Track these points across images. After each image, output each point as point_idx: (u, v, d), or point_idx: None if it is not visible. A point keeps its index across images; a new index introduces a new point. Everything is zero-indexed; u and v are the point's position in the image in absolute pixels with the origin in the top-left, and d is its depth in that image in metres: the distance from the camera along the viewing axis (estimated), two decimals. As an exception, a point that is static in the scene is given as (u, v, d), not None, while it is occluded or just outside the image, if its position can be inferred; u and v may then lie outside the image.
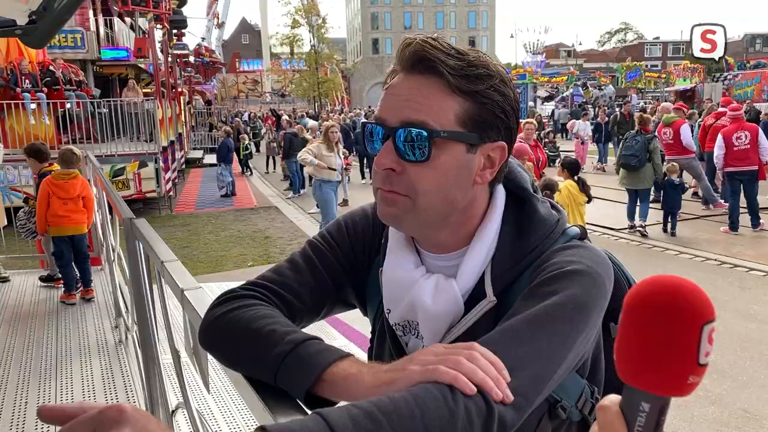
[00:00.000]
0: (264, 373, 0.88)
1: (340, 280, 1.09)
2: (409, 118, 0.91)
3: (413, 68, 0.93)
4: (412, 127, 0.90)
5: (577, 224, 1.05)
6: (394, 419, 0.69)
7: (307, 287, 1.05)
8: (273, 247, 9.50)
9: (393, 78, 0.97)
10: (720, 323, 2.12)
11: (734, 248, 8.26)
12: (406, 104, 0.92)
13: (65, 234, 5.53)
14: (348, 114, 26.32)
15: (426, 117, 0.91)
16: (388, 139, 0.93)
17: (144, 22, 24.75)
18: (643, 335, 0.48)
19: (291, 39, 49.75)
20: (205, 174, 19.94)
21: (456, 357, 0.76)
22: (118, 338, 4.56)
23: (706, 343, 0.47)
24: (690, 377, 0.47)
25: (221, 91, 54.71)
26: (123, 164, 12.02)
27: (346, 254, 1.11)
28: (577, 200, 6.47)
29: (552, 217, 1.01)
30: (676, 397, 0.49)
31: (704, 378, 0.48)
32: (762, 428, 3.93)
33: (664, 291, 0.48)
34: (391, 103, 0.94)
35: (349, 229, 1.13)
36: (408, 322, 1.03)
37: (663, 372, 0.48)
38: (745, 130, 8.99)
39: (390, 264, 1.04)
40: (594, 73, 46.08)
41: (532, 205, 1.01)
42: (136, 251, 2.32)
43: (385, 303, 1.05)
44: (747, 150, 8.87)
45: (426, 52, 0.91)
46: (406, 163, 0.92)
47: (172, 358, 1.85)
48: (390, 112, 0.94)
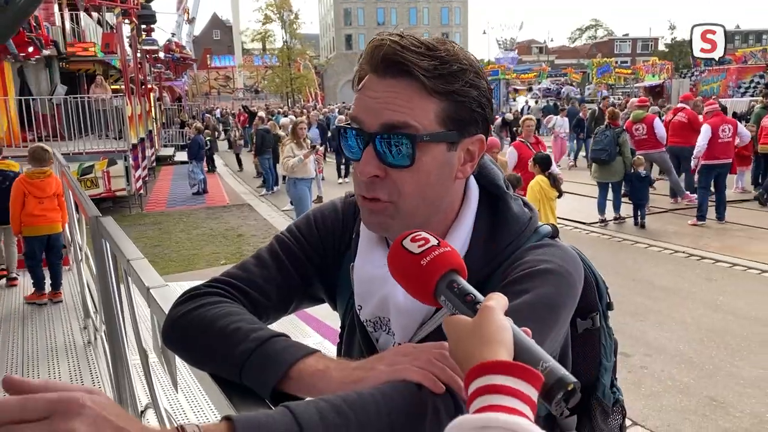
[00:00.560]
0: (230, 371, 0.87)
1: (308, 275, 1.08)
2: (390, 121, 0.89)
3: (386, 71, 0.90)
4: (394, 132, 0.89)
5: (549, 222, 1.06)
6: (361, 414, 0.69)
7: (273, 283, 1.04)
8: (246, 245, 9.42)
9: (364, 78, 0.94)
10: (687, 314, 2.18)
11: (701, 240, 8.44)
12: (384, 107, 0.90)
13: (40, 234, 5.45)
14: (321, 110, 26.23)
15: (407, 119, 0.89)
16: (368, 144, 0.91)
17: (112, 17, 24.26)
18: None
19: (263, 35, 49.33)
20: (176, 172, 19.64)
21: (425, 356, 0.77)
22: (87, 339, 4.48)
23: (410, 242, 0.77)
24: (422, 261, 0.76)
25: (192, 87, 54.03)
26: (91, 162, 11.78)
27: (314, 248, 1.09)
28: (548, 195, 6.54)
29: (525, 214, 1.01)
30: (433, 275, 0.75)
31: (673, 368, 0.50)
32: (728, 415, 4.03)
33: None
34: (368, 105, 0.91)
35: (318, 223, 1.11)
36: (379, 319, 1.01)
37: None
38: (728, 124, 9.31)
39: (361, 260, 1.03)
40: (565, 69, 46.63)
41: (505, 203, 1.01)
42: (103, 250, 2.27)
43: (357, 299, 1.04)
44: (729, 143, 9.18)
45: (398, 55, 0.88)
46: (389, 168, 0.91)
47: (140, 358, 1.82)
48: (367, 114, 0.91)
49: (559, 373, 0.64)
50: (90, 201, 3.02)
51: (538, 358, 0.65)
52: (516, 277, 0.90)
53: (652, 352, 4.89)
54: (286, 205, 11.59)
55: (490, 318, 0.68)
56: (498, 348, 0.65)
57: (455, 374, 0.75)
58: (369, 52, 0.93)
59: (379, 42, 0.91)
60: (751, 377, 4.51)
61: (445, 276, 0.75)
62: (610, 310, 1.16)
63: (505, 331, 0.67)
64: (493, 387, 0.60)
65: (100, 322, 3.79)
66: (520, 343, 0.67)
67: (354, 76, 0.98)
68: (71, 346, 4.40)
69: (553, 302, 0.87)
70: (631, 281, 6.71)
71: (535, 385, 0.61)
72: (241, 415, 0.66)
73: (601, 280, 1.14)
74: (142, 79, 19.48)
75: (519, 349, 0.66)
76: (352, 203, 1.14)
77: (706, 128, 9.18)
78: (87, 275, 4.80)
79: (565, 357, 1.03)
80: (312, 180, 9.51)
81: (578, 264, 0.97)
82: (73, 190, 4.13)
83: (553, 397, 0.63)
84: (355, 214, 1.11)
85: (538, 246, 0.96)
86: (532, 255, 0.93)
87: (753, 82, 24.63)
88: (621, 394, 1.20)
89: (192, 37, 50.96)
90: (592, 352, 1.12)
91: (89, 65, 18.72)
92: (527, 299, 0.85)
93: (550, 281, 0.89)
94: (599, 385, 1.14)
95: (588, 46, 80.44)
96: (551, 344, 0.88)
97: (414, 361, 0.76)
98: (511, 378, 0.60)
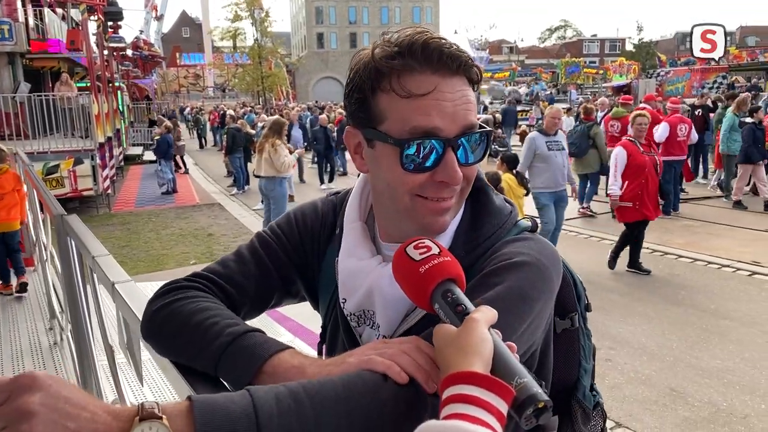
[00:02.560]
0: (206, 365, 0.88)
1: (288, 273, 1.09)
2: (470, 121, 0.91)
3: (456, 71, 0.90)
4: (476, 131, 0.92)
5: (528, 216, 1.09)
6: (318, 400, 0.71)
7: (252, 279, 1.05)
8: (216, 244, 9.35)
9: (417, 80, 0.89)
10: (650, 308, 2.26)
11: (665, 236, 8.65)
12: (461, 108, 0.90)
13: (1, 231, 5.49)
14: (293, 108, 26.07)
15: (474, 117, 0.91)
16: (447, 150, 0.90)
17: (77, 14, 23.77)
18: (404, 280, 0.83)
19: (233, 33, 48.80)
20: (145, 171, 19.36)
21: (393, 350, 0.79)
22: (53, 340, 4.41)
23: (413, 249, 0.82)
24: (420, 269, 0.80)
25: (161, 85, 53.21)
26: (57, 161, 11.56)
27: (294, 247, 1.10)
28: (516, 193, 6.64)
29: (506, 208, 1.03)
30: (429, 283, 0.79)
31: (635, 360, 0.55)
32: (687, 404, 4.16)
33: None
34: (445, 110, 0.89)
35: (299, 222, 1.13)
36: (364, 312, 1.02)
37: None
38: (685, 123, 9.91)
39: (346, 253, 1.04)
40: (535, 69, 47.20)
41: (487, 196, 1.03)
42: (68, 248, 2.26)
43: (341, 292, 1.04)
44: (684, 141, 9.79)
45: (460, 52, 0.90)
46: (465, 167, 0.93)
47: (106, 354, 1.83)
48: (445, 120, 0.89)
49: (532, 389, 0.66)
50: (55, 199, 2.99)
51: (514, 373, 0.67)
52: (492, 269, 0.91)
53: (616, 346, 5.02)
54: (256, 204, 11.52)
55: (472, 330, 0.70)
56: (474, 359, 0.67)
57: (423, 367, 0.77)
58: (429, 52, 0.89)
59: (435, 40, 0.90)
60: (709, 368, 4.66)
61: (441, 285, 0.79)
62: (588, 312, 1.17)
63: (485, 343, 0.69)
64: (463, 396, 0.62)
65: (65, 322, 3.75)
66: (500, 356, 0.69)
67: (391, 80, 0.90)
68: (37, 348, 4.33)
69: (526, 293, 0.88)
70: (597, 277, 6.86)
71: (506, 398, 0.63)
72: (201, 395, 0.68)
73: (579, 281, 1.14)
74: (109, 77, 19.13)
75: (497, 362, 0.69)
76: (331, 203, 1.15)
77: (664, 125, 9.68)
78: (52, 275, 4.72)
79: (546, 356, 1.03)
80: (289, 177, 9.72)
81: (556, 258, 0.97)
82: (38, 189, 4.07)
83: (523, 411, 0.65)
84: (336, 212, 1.13)
85: (517, 239, 0.98)
86: (509, 247, 0.95)
87: (716, 82, 25.34)
88: (601, 398, 1.21)
89: (161, 35, 50.33)
90: (572, 353, 1.13)
91: (54, 63, 18.31)
92: (500, 290, 0.87)
93: (524, 273, 0.90)
94: (579, 386, 1.15)
95: (557, 46, 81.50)
96: (527, 336, 0.89)
97: (382, 354, 0.79)
98: (482, 389, 0.62)
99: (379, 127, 0.92)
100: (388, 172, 0.93)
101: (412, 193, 0.93)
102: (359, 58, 0.96)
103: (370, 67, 0.92)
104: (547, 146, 6.77)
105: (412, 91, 0.88)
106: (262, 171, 8.57)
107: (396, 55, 0.90)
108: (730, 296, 6.24)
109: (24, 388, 0.52)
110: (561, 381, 1.11)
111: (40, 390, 0.53)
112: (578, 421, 1.15)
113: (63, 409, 0.56)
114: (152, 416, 0.61)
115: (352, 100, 0.96)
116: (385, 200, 1.00)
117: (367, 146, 0.97)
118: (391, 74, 0.90)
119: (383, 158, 0.94)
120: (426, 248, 0.82)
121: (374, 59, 0.92)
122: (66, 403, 0.55)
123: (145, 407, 0.62)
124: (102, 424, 0.59)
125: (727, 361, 4.76)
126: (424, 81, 0.89)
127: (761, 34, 63.55)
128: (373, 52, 0.93)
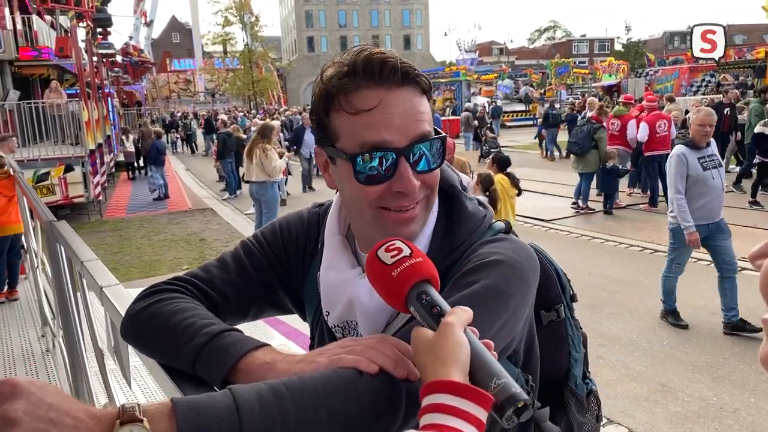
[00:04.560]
0: (184, 364, 0.91)
1: (270, 282, 1.11)
2: (422, 131, 0.93)
3: (401, 83, 0.93)
4: (429, 139, 0.94)
5: (502, 219, 1.11)
6: (298, 396, 0.74)
7: (233, 286, 1.07)
8: (209, 249, 9.34)
9: (363, 96, 0.92)
10: (641, 305, 2.30)
11: (655, 234, 8.71)
12: (411, 119, 0.93)
13: (9, 234, 5.51)
14: (284, 113, 26.09)
15: (427, 126, 0.95)
16: (399, 160, 0.92)
17: (66, 20, 23.70)
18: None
19: (223, 37, 48.72)
20: (137, 177, 19.32)
21: (361, 347, 0.82)
22: (45, 347, 4.41)
23: (384, 252, 0.82)
24: (393, 273, 0.80)
25: (152, 91, 53.05)
26: (47, 169, 11.51)
27: (278, 256, 1.12)
28: (508, 193, 6.67)
29: (479, 212, 1.06)
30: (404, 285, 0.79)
31: (626, 357, 0.57)
32: (677, 399, 4.20)
33: None
34: (392, 123, 0.91)
35: (284, 232, 1.15)
36: (347, 323, 1.04)
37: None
38: (664, 119, 10.23)
39: (326, 266, 1.06)
40: (525, 70, 47.36)
41: (460, 202, 1.06)
42: (58, 254, 2.27)
43: (324, 305, 1.06)
44: (666, 136, 10.05)
45: (405, 64, 0.93)
46: (421, 174, 0.95)
47: (96, 358, 1.84)
48: (393, 132, 0.92)
49: (511, 390, 0.67)
50: (44, 206, 2.99)
51: (493, 374, 0.68)
52: (467, 269, 0.94)
53: (607, 343, 5.07)
54: (248, 209, 11.51)
55: (448, 335, 0.71)
56: (452, 367, 0.68)
57: (390, 356, 0.80)
58: (375, 66, 0.91)
59: (380, 55, 0.92)
60: (699, 363, 4.71)
61: (416, 287, 0.79)
62: (574, 302, 1.20)
63: (461, 349, 0.70)
64: (441, 406, 0.63)
65: (57, 328, 3.75)
66: (477, 358, 0.70)
67: (339, 98, 0.94)
68: (29, 355, 4.32)
69: (501, 291, 0.90)
70: (588, 275, 6.90)
71: (484, 405, 0.63)
72: (183, 397, 0.70)
73: (563, 273, 1.18)
74: (99, 84, 19.07)
75: (475, 365, 0.70)
76: (317, 213, 1.17)
77: (643, 125, 10.10)
78: (44, 282, 4.72)
79: (531, 351, 1.05)
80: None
81: (531, 257, 1.00)
82: (28, 197, 4.07)
83: (503, 412, 0.66)
84: (319, 224, 1.14)
85: (492, 240, 1.01)
86: (484, 248, 0.98)
87: (704, 81, 25.53)
88: (594, 386, 1.23)
89: (150, 41, 50.15)
90: (561, 344, 1.15)
91: (43, 70, 18.26)
92: (475, 289, 0.89)
93: (499, 271, 0.92)
94: (571, 375, 1.17)
95: (547, 47, 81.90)
96: (505, 333, 0.91)
97: (350, 351, 0.82)
98: (460, 399, 0.63)
99: (336, 144, 0.96)
100: (349, 186, 0.97)
101: (374, 206, 0.96)
102: (316, 82, 0.99)
103: (321, 89, 0.96)
104: (701, 165, 5.11)
105: (359, 107, 0.92)
106: (253, 176, 8.58)
107: (344, 74, 0.93)
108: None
109: (5, 396, 0.53)
110: (551, 372, 1.14)
111: (22, 397, 0.53)
112: (572, 410, 1.17)
113: (46, 416, 0.57)
114: (133, 419, 0.62)
115: (313, 122, 1.01)
116: (353, 214, 1.04)
117: (332, 164, 1.01)
118: (338, 94, 0.93)
119: (343, 174, 0.97)
120: (397, 250, 0.82)
121: (323, 81, 0.96)
122: (49, 410, 0.55)
123: (125, 409, 0.62)
124: (85, 430, 0.60)
125: (717, 356, 4.81)
126: (369, 96, 0.92)
127: (748, 32, 64.10)
128: (322, 75, 0.97)
